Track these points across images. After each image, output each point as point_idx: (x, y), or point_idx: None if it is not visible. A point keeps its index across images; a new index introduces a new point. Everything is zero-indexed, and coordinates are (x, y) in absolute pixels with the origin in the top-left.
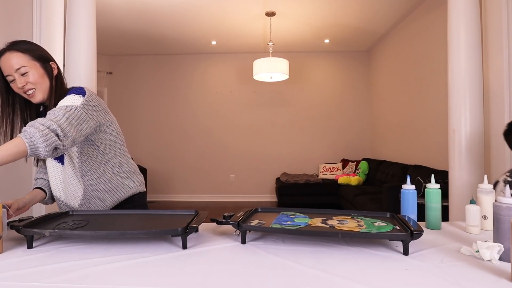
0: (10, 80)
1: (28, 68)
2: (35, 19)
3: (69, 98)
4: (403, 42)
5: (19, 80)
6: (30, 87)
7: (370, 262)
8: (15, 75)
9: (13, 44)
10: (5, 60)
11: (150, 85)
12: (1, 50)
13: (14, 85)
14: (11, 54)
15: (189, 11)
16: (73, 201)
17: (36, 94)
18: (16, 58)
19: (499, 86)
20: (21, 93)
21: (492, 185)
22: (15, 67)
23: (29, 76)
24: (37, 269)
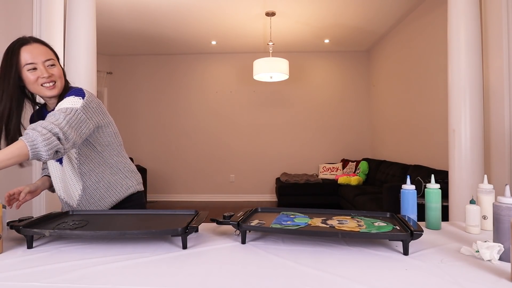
0: (30, 68)
1: (54, 61)
2: (35, 19)
3: (69, 100)
4: (403, 42)
5: (45, 70)
6: (54, 79)
7: (370, 262)
8: (40, 65)
9: (34, 38)
10: (33, 48)
11: (150, 85)
12: (26, 39)
13: (33, 73)
14: (40, 45)
15: (189, 11)
16: (71, 200)
17: (55, 87)
18: (46, 50)
19: (499, 86)
20: (38, 84)
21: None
22: (45, 58)
23: (55, 69)
24: (37, 269)
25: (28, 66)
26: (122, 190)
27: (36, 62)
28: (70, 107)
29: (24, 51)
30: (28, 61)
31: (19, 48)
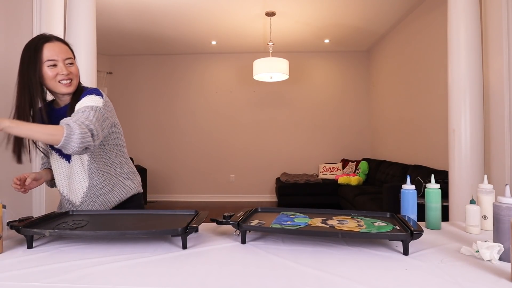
0: (51, 64)
1: (73, 60)
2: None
3: (91, 98)
4: (403, 42)
5: (65, 68)
6: (71, 77)
7: (370, 262)
8: (60, 62)
9: (58, 37)
10: (55, 46)
11: (150, 85)
12: (48, 37)
13: (52, 69)
14: (61, 44)
15: (189, 11)
16: (75, 197)
17: (72, 84)
18: (67, 50)
19: (499, 86)
20: (56, 79)
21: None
22: (65, 56)
23: (73, 67)
24: (37, 269)
25: (48, 62)
26: (125, 191)
27: (56, 59)
28: (94, 105)
29: (46, 48)
30: (49, 57)
31: (42, 44)
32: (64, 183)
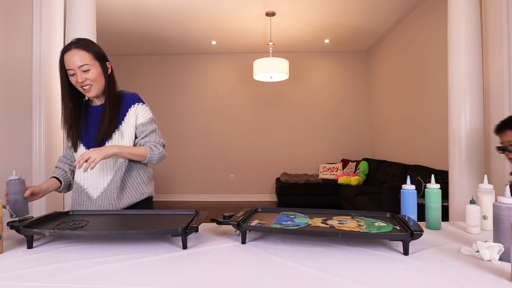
0: (71, 74)
1: (89, 66)
2: (35, 19)
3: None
4: (403, 42)
5: (80, 76)
6: (88, 83)
7: (370, 262)
8: (77, 70)
9: (78, 41)
10: (71, 55)
11: (150, 85)
12: (68, 46)
13: (73, 78)
14: (77, 51)
15: (189, 11)
16: (94, 191)
17: (91, 89)
18: (81, 56)
19: (499, 86)
20: (78, 86)
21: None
22: (79, 64)
23: (89, 73)
24: (37, 269)
25: (69, 71)
26: (136, 194)
27: (72, 68)
28: (153, 118)
29: (65, 58)
30: (67, 67)
31: (63, 54)
32: (85, 176)
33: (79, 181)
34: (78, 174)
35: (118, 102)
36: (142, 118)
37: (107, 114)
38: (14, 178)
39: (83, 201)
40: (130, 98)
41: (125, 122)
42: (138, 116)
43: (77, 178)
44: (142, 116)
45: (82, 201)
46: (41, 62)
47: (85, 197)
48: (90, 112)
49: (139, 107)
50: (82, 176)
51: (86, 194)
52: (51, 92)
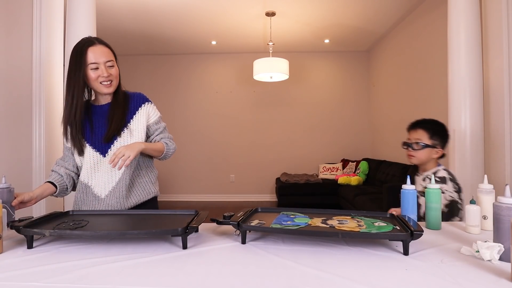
0: (94, 67)
1: (113, 62)
2: (35, 19)
3: (155, 109)
4: (403, 42)
5: (106, 70)
6: (111, 78)
7: (370, 262)
8: (101, 65)
9: (98, 39)
10: (98, 49)
11: (150, 85)
12: (92, 40)
13: (95, 72)
14: (104, 47)
15: (189, 11)
16: (102, 190)
17: (111, 86)
18: (107, 52)
19: (499, 86)
20: (97, 82)
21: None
22: (106, 59)
23: (113, 69)
24: (37, 269)
25: (92, 65)
26: (143, 194)
27: (98, 62)
28: (160, 115)
29: (90, 52)
30: (92, 60)
31: (86, 48)
32: (92, 175)
33: (86, 181)
34: (85, 173)
35: (126, 101)
36: (154, 117)
37: (117, 112)
38: (3, 187)
39: (90, 201)
40: (139, 98)
41: (134, 121)
42: (150, 115)
43: (84, 178)
44: (153, 115)
45: (88, 200)
46: (41, 62)
47: (91, 197)
48: (94, 112)
49: (149, 106)
50: (88, 176)
51: (92, 193)
52: (51, 92)
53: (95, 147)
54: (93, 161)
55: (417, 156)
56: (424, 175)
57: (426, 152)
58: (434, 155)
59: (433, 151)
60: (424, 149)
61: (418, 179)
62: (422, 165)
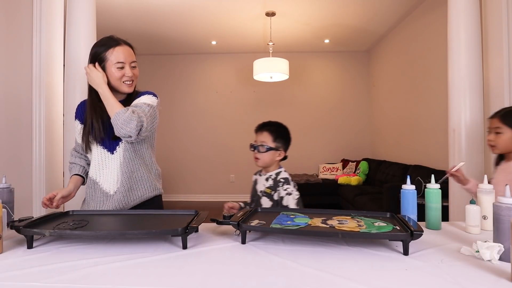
0: (120, 66)
1: (136, 63)
2: (35, 19)
3: (149, 97)
4: (403, 42)
5: (130, 71)
6: (133, 78)
7: (370, 262)
8: (127, 65)
9: (125, 40)
10: (125, 50)
11: (150, 85)
12: (117, 40)
13: (120, 71)
14: (129, 48)
15: (189, 11)
16: (110, 187)
17: (132, 85)
18: (132, 53)
19: (499, 86)
20: (120, 81)
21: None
22: (131, 60)
23: (136, 70)
24: (37, 269)
25: (118, 64)
26: (150, 189)
27: (125, 62)
28: (150, 103)
29: (118, 51)
30: (119, 59)
31: (114, 46)
32: (100, 173)
33: (95, 177)
34: (94, 172)
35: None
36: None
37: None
38: (3, 187)
39: (98, 197)
40: (145, 92)
41: None
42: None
43: (92, 174)
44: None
45: (97, 197)
46: (41, 62)
47: (100, 194)
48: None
49: (146, 95)
50: (97, 173)
51: (101, 190)
52: (51, 92)
53: (102, 144)
54: (101, 158)
55: (262, 159)
56: (267, 175)
57: (270, 154)
58: (277, 158)
59: (276, 154)
60: (268, 152)
61: (260, 179)
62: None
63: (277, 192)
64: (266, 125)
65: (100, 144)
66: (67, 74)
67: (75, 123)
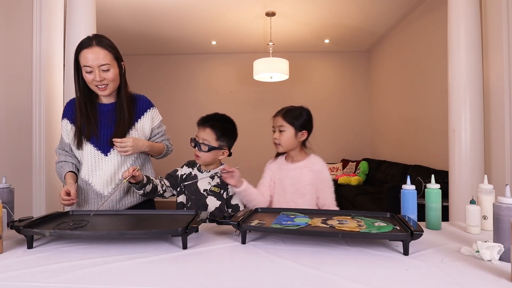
0: (88, 71)
1: (110, 66)
2: (35, 19)
3: (158, 113)
4: (403, 42)
5: (99, 74)
6: (105, 82)
7: (370, 262)
8: (96, 69)
9: (99, 38)
10: (91, 52)
11: (150, 85)
12: (88, 41)
13: (89, 76)
14: (100, 49)
15: (189, 11)
16: (103, 187)
17: (107, 89)
18: (103, 55)
19: (499, 86)
20: (92, 84)
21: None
22: (100, 63)
23: (109, 73)
24: (37, 269)
25: (86, 68)
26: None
27: (92, 66)
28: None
29: (84, 54)
30: (86, 63)
31: (81, 50)
32: (94, 173)
33: (86, 178)
34: (86, 172)
35: (132, 104)
36: (157, 121)
37: (123, 116)
38: (3, 187)
39: (91, 198)
40: (145, 101)
41: (139, 124)
42: (154, 119)
43: (84, 175)
44: (157, 119)
45: (90, 198)
46: (41, 62)
47: (93, 194)
48: (99, 110)
49: (154, 111)
50: (88, 174)
51: (94, 191)
52: (51, 92)
53: (96, 145)
54: (94, 159)
55: (203, 158)
56: (211, 173)
57: (213, 154)
58: (220, 156)
59: (219, 153)
60: (211, 151)
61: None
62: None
63: (226, 191)
64: (210, 120)
65: (92, 144)
66: (67, 74)
67: (62, 122)
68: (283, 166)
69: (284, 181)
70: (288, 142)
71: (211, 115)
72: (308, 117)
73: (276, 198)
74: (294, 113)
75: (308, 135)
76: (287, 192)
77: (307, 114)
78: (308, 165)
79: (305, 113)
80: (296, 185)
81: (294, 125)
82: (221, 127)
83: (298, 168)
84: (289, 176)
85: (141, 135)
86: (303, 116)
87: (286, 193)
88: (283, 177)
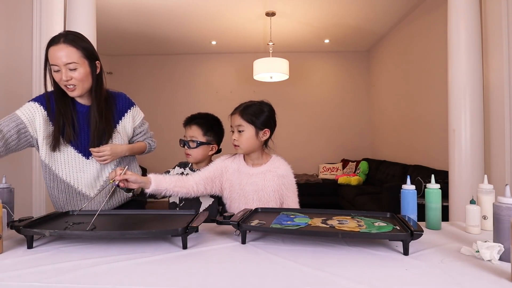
0: (55, 69)
1: (77, 64)
2: (35, 19)
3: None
4: (403, 42)
5: (65, 74)
6: (73, 82)
7: (370, 262)
8: (62, 67)
9: (68, 35)
10: (57, 50)
11: (150, 85)
12: (56, 39)
13: (57, 75)
14: (66, 46)
15: (189, 11)
16: (89, 189)
17: (75, 90)
18: (69, 53)
19: (499, 86)
20: (61, 84)
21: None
22: (66, 61)
23: (76, 72)
24: (37, 269)
25: (53, 67)
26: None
27: (58, 64)
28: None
29: (51, 51)
30: (52, 62)
31: (48, 48)
32: (77, 176)
33: (69, 181)
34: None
35: (109, 104)
36: (138, 120)
37: (100, 119)
38: (3, 187)
39: (76, 200)
40: (124, 101)
41: (120, 125)
42: (135, 118)
43: (66, 177)
44: (138, 118)
45: (74, 200)
46: (41, 62)
47: (79, 196)
48: (77, 111)
49: (134, 110)
50: (71, 177)
51: (80, 193)
52: None
53: (77, 148)
54: (75, 162)
55: (193, 155)
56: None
57: (202, 149)
58: (210, 152)
59: (208, 148)
60: (200, 147)
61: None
62: (198, 162)
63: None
64: (195, 118)
65: (73, 147)
66: None
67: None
68: (243, 169)
69: (245, 187)
70: (248, 143)
71: (195, 114)
72: (270, 114)
73: (236, 204)
74: (253, 110)
75: (270, 134)
76: (249, 199)
77: (269, 110)
78: (272, 169)
79: (267, 109)
80: (259, 192)
81: (254, 123)
82: (206, 123)
83: (261, 173)
84: (251, 182)
85: (123, 136)
86: (264, 112)
87: (248, 200)
88: (243, 182)
